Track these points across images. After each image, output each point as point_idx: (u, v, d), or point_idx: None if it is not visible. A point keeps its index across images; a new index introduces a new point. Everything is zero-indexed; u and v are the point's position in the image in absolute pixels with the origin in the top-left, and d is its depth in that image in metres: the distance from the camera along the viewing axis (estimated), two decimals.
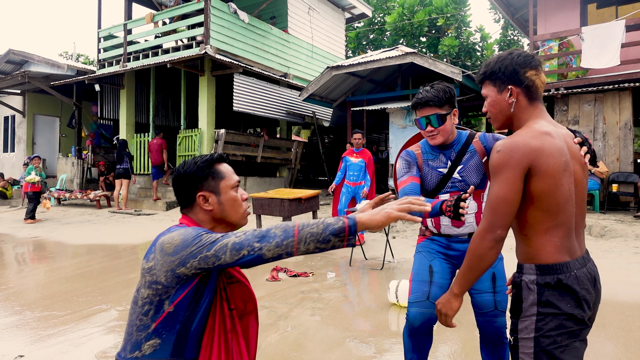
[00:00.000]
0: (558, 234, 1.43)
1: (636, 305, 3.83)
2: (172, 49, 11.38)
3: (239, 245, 1.25)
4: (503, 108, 1.57)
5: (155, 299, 1.30)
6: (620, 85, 8.33)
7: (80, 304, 4.13)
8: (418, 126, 2.20)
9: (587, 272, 1.45)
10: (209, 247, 1.25)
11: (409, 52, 9.65)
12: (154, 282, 1.30)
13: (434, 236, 2.26)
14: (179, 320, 1.31)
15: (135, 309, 1.34)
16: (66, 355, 3.04)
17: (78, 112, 13.72)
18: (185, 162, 1.48)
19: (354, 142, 6.59)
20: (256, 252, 1.24)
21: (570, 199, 1.45)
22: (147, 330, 1.31)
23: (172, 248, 1.28)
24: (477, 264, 1.48)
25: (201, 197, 1.44)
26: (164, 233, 1.36)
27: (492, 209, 1.44)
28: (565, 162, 1.43)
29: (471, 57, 19.33)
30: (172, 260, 1.27)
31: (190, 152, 11.22)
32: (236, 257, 1.24)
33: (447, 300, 1.61)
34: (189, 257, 1.26)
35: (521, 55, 1.54)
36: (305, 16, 13.64)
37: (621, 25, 8.32)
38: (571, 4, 9.91)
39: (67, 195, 12.05)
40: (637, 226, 6.69)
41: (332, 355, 3.00)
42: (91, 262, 5.92)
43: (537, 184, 1.41)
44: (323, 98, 12.26)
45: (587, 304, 1.42)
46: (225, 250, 1.24)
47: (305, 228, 1.26)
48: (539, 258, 1.44)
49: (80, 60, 28.13)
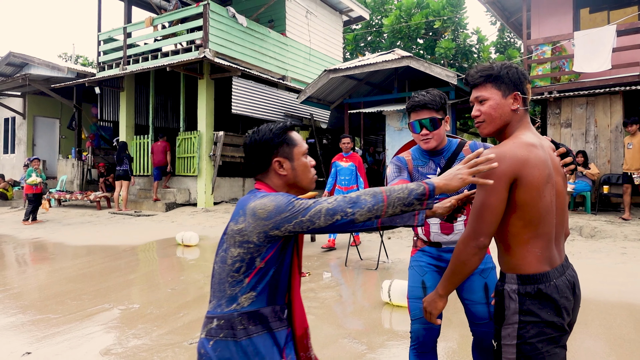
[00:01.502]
0: (539, 244, 1.49)
1: (619, 303, 3.99)
2: (172, 52, 11.52)
3: (333, 210, 1.35)
4: (504, 113, 1.58)
5: (246, 257, 1.44)
6: (612, 89, 8.49)
7: (83, 304, 4.27)
8: (411, 129, 2.19)
9: (566, 280, 1.53)
10: (304, 213, 1.37)
11: (405, 56, 9.81)
12: (245, 242, 1.44)
13: (425, 247, 2.27)
14: (269, 274, 1.46)
15: (225, 267, 1.47)
16: (71, 352, 3.18)
17: (78, 114, 13.85)
18: (260, 130, 1.57)
19: (343, 147, 6.66)
20: (349, 217, 1.36)
21: (552, 210, 1.51)
22: (241, 285, 1.46)
23: (265, 213, 1.40)
24: (460, 268, 1.55)
25: (277, 163, 1.54)
26: (249, 199, 1.48)
27: (477, 217, 1.49)
28: (548, 175, 1.49)
29: (468, 59, 19.49)
30: (266, 224, 1.40)
31: (189, 153, 11.36)
32: (330, 222, 1.36)
33: (433, 299, 1.70)
34: (284, 221, 1.38)
35: (520, 67, 1.63)
36: (303, 19, 13.79)
37: (612, 30, 8.48)
38: (564, 8, 10.07)
39: (67, 196, 12.18)
40: (626, 227, 6.85)
41: (326, 352, 3.15)
42: (92, 262, 6.06)
43: (521, 194, 1.45)
44: (321, 100, 12.42)
45: (566, 311, 1.51)
46: (319, 216, 1.36)
47: (392, 193, 1.37)
48: (520, 268, 1.50)
49: (79, 62, 28.24)
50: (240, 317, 1.45)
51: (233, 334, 1.44)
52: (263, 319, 1.47)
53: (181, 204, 11.33)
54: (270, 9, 13.20)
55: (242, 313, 1.46)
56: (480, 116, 1.62)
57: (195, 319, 3.82)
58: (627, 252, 5.69)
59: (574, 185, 8.26)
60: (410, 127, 2.21)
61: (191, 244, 7.10)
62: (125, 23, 12.88)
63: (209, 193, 11.17)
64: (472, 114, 1.65)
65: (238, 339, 1.44)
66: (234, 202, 11.81)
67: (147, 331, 3.55)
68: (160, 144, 11.43)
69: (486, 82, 1.60)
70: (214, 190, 11.27)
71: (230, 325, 1.45)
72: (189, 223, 9.31)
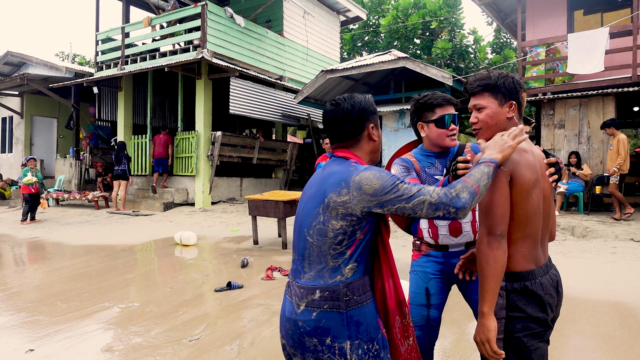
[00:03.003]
0: (526, 244, 1.59)
1: (606, 302, 4.10)
2: (170, 52, 11.59)
3: (436, 206, 1.43)
4: (500, 120, 1.66)
5: (349, 230, 1.50)
6: (604, 91, 8.62)
7: (83, 302, 4.35)
8: (439, 125, 2.12)
9: (550, 279, 1.63)
10: (408, 200, 1.44)
11: (401, 57, 9.90)
12: (349, 214, 1.49)
13: (431, 251, 2.20)
14: (367, 245, 1.55)
15: (326, 240, 1.51)
16: (74, 349, 3.27)
17: (76, 113, 13.90)
18: (352, 98, 1.65)
19: (325, 147, 6.36)
20: (451, 215, 1.44)
21: (539, 212, 1.60)
22: (343, 257, 1.51)
23: (371, 190, 1.46)
24: (493, 270, 1.52)
25: (372, 129, 1.65)
26: (349, 170, 1.52)
27: (487, 214, 1.55)
28: (536, 179, 1.59)
29: (464, 59, 19.60)
30: (370, 200, 1.47)
31: (187, 153, 11.43)
32: (431, 215, 1.44)
33: (481, 325, 1.56)
34: (387, 203, 1.46)
35: (516, 77, 1.73)
36: (300, 20, 13.87)
37: (605, 32, 8.60)
38: (558, 10, 10.19)
39: (65, 195, 12.24)
40: (617, 227, 6.97)
41: None
42: (91, 262, 6.13)
43: (512, 195, 1.55)
44: (318, 100, 12.50)
45: (550, 308, 1.61)
46: (422, 208, 1.43)
47: (480, 182, 1.46)
48: (508, 266, 1.58)
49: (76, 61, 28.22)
50: (346, 288, 1.51)
51: (338, 305, 1.49)
52: (365, 289, 1.54)
53: (179, 203, 11.40)
54: (268, 10, 13.28)
55: (347, 284, 1.51)
56: (477, 123, 1.71)
57: (195, 317, 3.91)
58: (617, 252, 5.81)
59: (567, 186, 8.38)
60: (437, 122, 2.12)
61: (189, 244, 7.19)
62: (124, 23, 12.94)
63: (207, 193, 11.25)
64: (470, 121, 1.74)
65: (344, 310, 1.49)
66: (231, 202, 11.89)
67: (148, 329, 3.64)
68: (163, 136, 11.57)
69: (484, 91, 1.69)
70: (211, 190, 11.35)
71: (336, 296, 1.50)
72: (187, 223, 9.39)
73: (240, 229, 8.52)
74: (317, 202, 1.55)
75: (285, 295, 1.64)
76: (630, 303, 4.06)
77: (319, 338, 1.49)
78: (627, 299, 4.17)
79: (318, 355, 1.50)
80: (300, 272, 1.57)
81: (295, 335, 1.53)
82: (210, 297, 4.52)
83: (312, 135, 13.65)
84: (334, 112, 1.64)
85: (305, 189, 1.69)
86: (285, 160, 13.54)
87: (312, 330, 1.50)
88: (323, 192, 1.54)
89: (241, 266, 5.70)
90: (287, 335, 1.57)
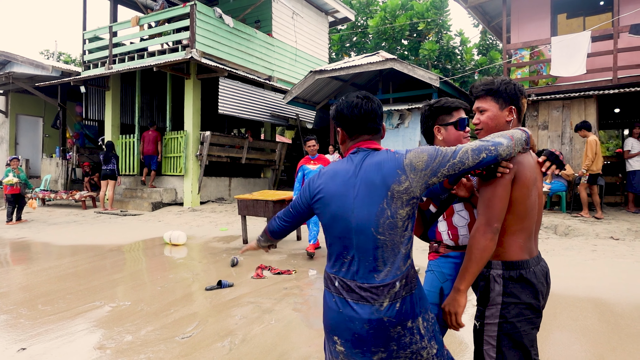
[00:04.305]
0: (522, 236, 1.74)
1: (585, 298, 4.25)
2: (158, 52, 11.56)
3: (478, 150, 1.54)
4: (500, 123, 1.81)
5: (411, 212, 1.59)
6: (586, 93, 8.84)
7: (73, 302, 4.36)
8: (458, 127, 2.15)
9: (541, 269, 1.78)
10: (454, 155, 1.54)
11: (389, 58, 10.02)
12: (412, 198, 1.57)
13: (450, 252, 2.18)
14: None
15: (397, 231, 1.57)
16: (66, 347, 3.30)
17: (62, 112, 13.77)
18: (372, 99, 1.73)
19: (308, 149, 6.33)
20: (493, 154, 1.55)
21: (535, 207, 1.77)
22: (409, 240, 1.61)
23: (423, 164, 1.55)
24: (480, 256, 1.68)
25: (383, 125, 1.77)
26: (398, 158, 1.59)
27: (488, 206, 1.69)
28: (535, 177, 1.75)
29: (451, 60, 19.84)
30: (426, 174, 1.55)
31: (176, 153, 11.42)
32: (477, 160, 1.54)
33: (453, 298, 1.75)
34: (439, 166, 1.54)
35: (519, 83, 1.87)
36: (289, 20, 13.93)
37: (587, 36, 8.82)
38: (542, 14, 10.41)
39: (52, 195, 12.13)
40: (598, 225, 7.18)
41: (312, 344, 3.33)
42: (81, 261, 6.13)
43: (516, 191, 1.70)
44: (306, 101, 12.58)
45: (541, 295, 1.76)
46: (467, 156, 1.53)
47: (515, 135, 1.62)
48: (505, 256, 1.74)
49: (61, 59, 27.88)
50: (412, 269, 1.61)
51: (411, 288, 1.58)
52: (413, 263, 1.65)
53: (167, 203, 11.38)
54: (257, 10, 13.31)
55: (412, 264, 1.61)
56: (479, 124, 1.87)
57: (186, 315, 3.96)
58: (597, 250, 5.99)
59: (550, 186, 8.58)
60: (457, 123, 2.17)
61: (179, 243, 7.21)
62: (111, 22, 12.87)
63: (196, 192, 11.25)
64: (473, 122, 1.89)
65: (414, 290, 1.59)
66: (220, 201, 11.91)
67: (139, 327, 3.68)
68: (152, 133, 11.55)
69: (487, 95, 1.84)
70: (200, 190, 11.36)
71: (409, 280, 1.58)
72: (176, 222, 9.40)
73: (229, 228, 8.56)
74: (379, 198, 1.56)
75: (348, 301, 1.58)
76: (608, 299, 4.21)
77: (402, 324, 1.55)
78: (606, 294, 4.32)
79: (400, 340, 1.55)
80: (374, 272, 1.57)
81: (381, 333, 1.54)
82: (201, 295, 4.56)
83: (300, 135, 13.72)
84: (371, 106, 1.69)
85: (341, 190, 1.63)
86: (274, 160, 13.59)
87: (397, 320, 1.55)
88: (383, 186, 1.56)
89: (231, 265, 5.76)
90: (368, 338, 1.55)
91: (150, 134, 11.59)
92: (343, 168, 1.66)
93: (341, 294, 1.60)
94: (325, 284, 1.71)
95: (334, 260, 1.66)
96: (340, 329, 1.59)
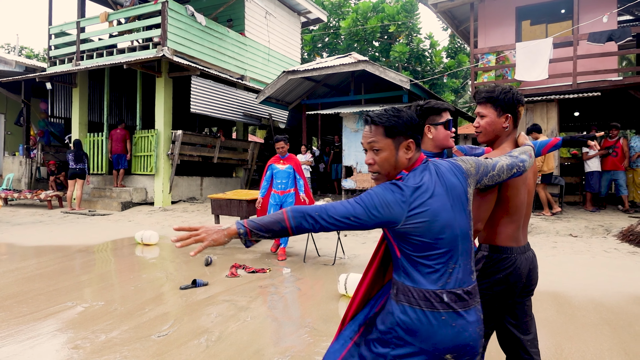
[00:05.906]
0: (511, 227, 1.98)
1: (545, 291, 4.50)
2: (128, 49, 11.37)
3: (510, 166, 1.77)
4: (497, 129, 2.02)
5: None
6: (548, 97, 9.26)
7: (45, 303, 4.29)
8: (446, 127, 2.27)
9: (526, 257, 2.01)
10: (493, 167, 1.72)
11: (361, 60, 10.20)
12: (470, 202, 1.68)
13: None
14: None
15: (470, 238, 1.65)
16: (39, 348, 3.26)
17: (26, 109, 13.33)
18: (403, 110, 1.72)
19: (278, 151, 6.24)
20: (521, 169, 1.80)
21: (524, 203, 2.01)
22: None
23: (473, 170, 1.69)
24: None
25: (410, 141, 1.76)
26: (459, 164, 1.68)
27: (477, 207, 1.90)
28: (524, 177, 1.98)
29: (421, 62, 20.28)
30: (475, 179, 1.70)
31: (146, 152, 11.26)
32: (509, 174, 1.77)
33: None
34: (483, 175, 1.71)
35: (517, 93, 2.05)
36: (262, 20, 13.94)
37: (549, 42, 9.24)
38: (508, 20, 10.82)
39: (15, 195, 11.73)
40: (558, 224, 7.55)
41: (287, 340, 3.41)
42: (49, 262, 6.00)
43: (507, 192, 1.94)
44: (279, 101, 12.63)
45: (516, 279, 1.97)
46: (503, 170, 1.74)
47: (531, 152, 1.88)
48: (494, 241, 2.00)
49: (23, 53, 26.92)
50: None
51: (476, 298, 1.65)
52: None
53: (138, 203, 11.21)
54: (230, 9, 13.27)
55: None
56: (479, 128, 2.09)
57: (161, 314, 3.97)
58: (557, 246, 6.32)
59: None
60: (446, 125, 2.28)
61: (151, 243, 7.15)
62: (79, 17, 12.55)
63: (167, 192, 11.13)
64: (473, 125, 2.11)
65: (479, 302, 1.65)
66: (192, 201, 11.81)
67: (114, 327, 3.68)
68: (120, 131, 11.32)
69: (487, 102, 2.04)
70: (171, 189, 11.24)
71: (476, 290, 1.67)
72: (147, 222, 9.28)
73: None
74: (466, 203, 1.64)
75: (458, 312, 1.56)
76: (566, 292, 4.48)
77: (480, 325, 1.62)
78: (564, 288, 4.59)
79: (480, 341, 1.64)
80: (471, 274, 1.63)
81: (479, 334, 1.60)
82: (176, 294, 4.58)
83: (273, 134, 13.75)
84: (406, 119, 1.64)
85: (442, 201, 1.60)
86: (246, 160, 13.57)
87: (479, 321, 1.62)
88: (463, 192, 1.64)
89: (205, 264, 5.77)
90: (478, 340, 1.58)
91: (118, 132, 11.37)
92: (431, 180, 1.61)
93: (451, 307, 1.55)
94: (425, 306, 1.56)
95: (439, 275, 1.57)
96: (456, 345, 1.54)
